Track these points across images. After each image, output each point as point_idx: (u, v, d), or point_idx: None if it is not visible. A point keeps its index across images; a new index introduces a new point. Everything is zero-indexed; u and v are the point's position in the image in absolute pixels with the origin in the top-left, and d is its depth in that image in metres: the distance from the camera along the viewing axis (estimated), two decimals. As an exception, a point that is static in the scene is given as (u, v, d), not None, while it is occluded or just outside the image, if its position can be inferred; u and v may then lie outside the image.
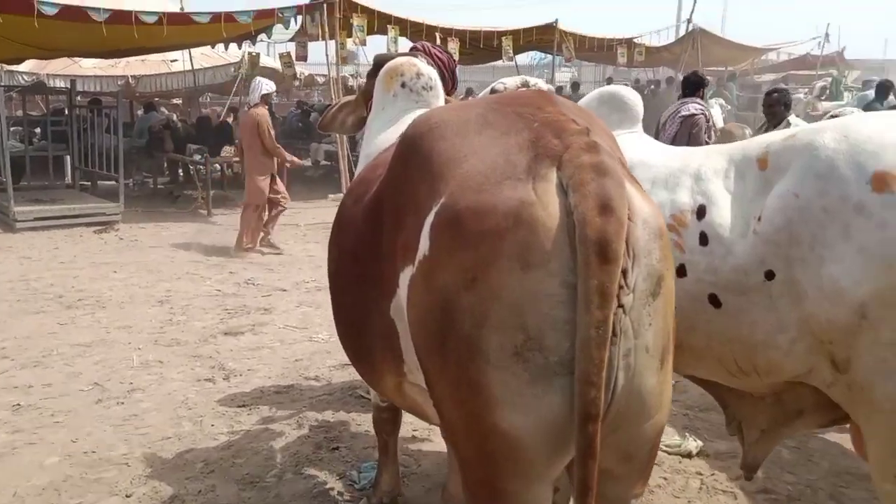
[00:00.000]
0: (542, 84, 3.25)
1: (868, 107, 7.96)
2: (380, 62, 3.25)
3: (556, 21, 14.70)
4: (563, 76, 22.76)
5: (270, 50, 17.07)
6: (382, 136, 2.83)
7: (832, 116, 5.46)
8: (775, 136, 2.42)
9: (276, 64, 14.17)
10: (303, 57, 12.94)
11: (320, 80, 16.30)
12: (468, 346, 1.50)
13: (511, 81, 3.16)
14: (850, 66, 24.14)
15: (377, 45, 13.44)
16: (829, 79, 18.25)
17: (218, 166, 12.45)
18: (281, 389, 4.48)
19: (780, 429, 2.53)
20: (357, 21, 11.16)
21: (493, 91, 3.13)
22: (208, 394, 4.38)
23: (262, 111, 8.13)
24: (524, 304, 1.45)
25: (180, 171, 13.67)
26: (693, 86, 6.17)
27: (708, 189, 2.46)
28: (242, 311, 6.14)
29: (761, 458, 2.61)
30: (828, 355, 2.14)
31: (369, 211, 2.05)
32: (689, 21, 18.17)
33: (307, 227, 9.88)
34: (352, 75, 15.70)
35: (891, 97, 9.13)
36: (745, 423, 2.62)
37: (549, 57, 19.95)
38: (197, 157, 11.60)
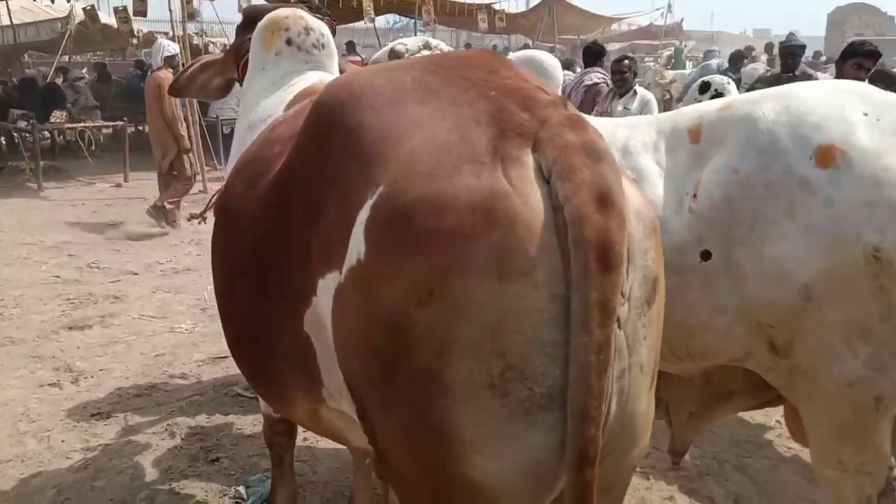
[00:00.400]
0: (443, 46, 2.94)
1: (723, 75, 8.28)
2: (253, 15, 2.82)
3: (417, -17, 14.35)
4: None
5: (103, 4, 15.49)
6: (267, 102, 2.42)
7: (704, 85, 5.58)
8: (708, 107, 2.28)
9: (111, 20, 12.81)
10: (141, 12, 11.75)
11: (161, 38, 14.99)
12: (427, 379, 1.19)
13: (412, 42, 2.82)
14: (688, 36, 25.72)
15: (224, 1, 12.41)
16: (673, 48, 19.22)
17: (47, 133, 11.20)
18: (142, 391, 3.97)
19: (708, 411, 2.46)
20: (204, -26, 10.25)
21: (394, 53, 2.76)
22: (54, 402, 3.82)
23: (166, 74, 7.51)
24: (502, 323, 1.16)
25: (2, 139, 12.17)
26: (594, 55, 6.25)
27: (638, 163, 2.28)
28: (88, 300, 5.49)
29: (689, 440, 2.54)
30: (767, 338, 2.06)
31: (270, 199, 1.65)
32: (543, -13, 18.35)
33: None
34: (196, 33, 14.55)
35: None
36: (673, 405, 2.53)
37: (405, 20, 19.57)
38: (22, 124, 10.63)
